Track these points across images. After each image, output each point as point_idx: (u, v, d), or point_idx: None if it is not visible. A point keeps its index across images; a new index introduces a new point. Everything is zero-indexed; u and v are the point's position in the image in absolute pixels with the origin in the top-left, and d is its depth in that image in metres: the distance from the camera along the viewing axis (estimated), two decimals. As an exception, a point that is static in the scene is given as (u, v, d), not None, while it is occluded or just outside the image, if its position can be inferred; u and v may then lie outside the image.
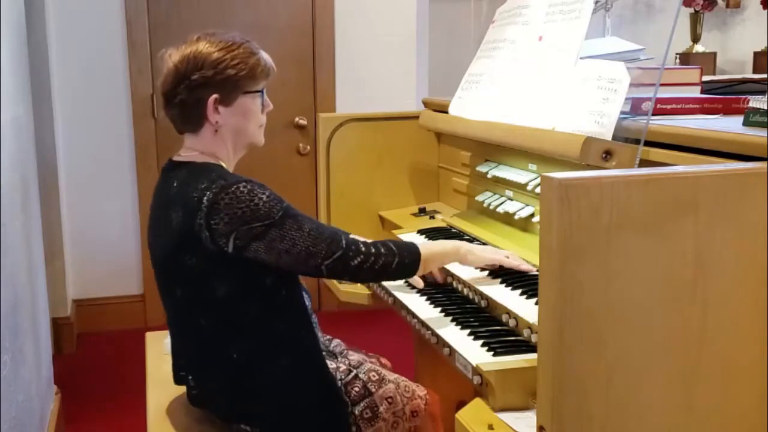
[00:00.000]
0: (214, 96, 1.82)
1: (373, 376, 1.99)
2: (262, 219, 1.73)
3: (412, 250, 1.88)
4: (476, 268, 2.02)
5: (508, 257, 2.00)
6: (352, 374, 1.98)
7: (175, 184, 1.84)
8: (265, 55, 1.90)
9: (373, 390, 1.96)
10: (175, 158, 1.91)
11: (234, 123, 1.87)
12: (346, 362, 2.02)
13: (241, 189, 1.74)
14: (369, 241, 1.85)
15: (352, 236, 1.85)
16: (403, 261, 1.85)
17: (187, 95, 1.83)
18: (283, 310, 1.87)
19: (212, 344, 1.86)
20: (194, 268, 1.79)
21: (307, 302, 1.96)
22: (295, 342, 1.89)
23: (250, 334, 1.85)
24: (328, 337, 2.15)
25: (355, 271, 1.80)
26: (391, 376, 2.03)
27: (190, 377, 1.94)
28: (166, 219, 1.82)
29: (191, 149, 1.90)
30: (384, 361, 2.24)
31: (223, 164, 1.89)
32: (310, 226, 1.78)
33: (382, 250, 1.82)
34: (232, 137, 1.89)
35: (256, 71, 1.86)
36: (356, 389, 1.95)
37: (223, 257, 1.76)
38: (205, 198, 1.74)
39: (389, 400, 1.97)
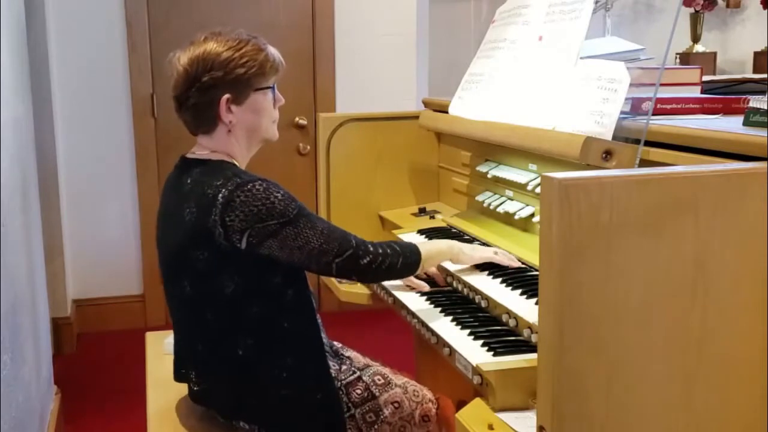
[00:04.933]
0: (226, 96, 1.84)
1: (378, 380, 1.98)
2: (277, 217, 1.76)
3: (414, 250, 1.94)
4: (468, 266, 2.08)
5: (496, 253, 2.06)
6: (355, 375, 1.97)
7: (188, 181, 1.85)
8: (273, 50, 1.91)
9: (377, 394, 1.96)
10: (189, 155, 1.93)
11: (247, 121, 1.89)
12: (349, 362, 2.01)
13: (257, 187, 1.77)
14: (374, 242, 1.88)
15: (358, 237, 1.88)
16: (407, 261, 1.91)
17: (198, 98, 1.84)
18: (290, 310, 1.88)
19: (218, 340, 1.87)
20: (205, 263, 1.80)
21: (314, 303, 1.96)
22: (300, 342, 1.89)
23: (257, 331, 1.85)
24: (340, 344, 2.14)
25: (364, 271, 1.85)
26: (399, 380, 2.02)
27: (192, 373, 1.94)
28: (178, 214, 1.84)
29: (205, 148, 1.91)
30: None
31: (237, 162, 1.91)
32: (323, 225, 1.82)
33: (388, 251, 1.87)
34: (246, 135, 1.91)
35: (266, 68, 1.87)
36: (358, 391, 1.94)
37: (234, 254, 1.78)
38: (220, 195, 1.76)
39: (395, 404, 1.97)
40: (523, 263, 2.06)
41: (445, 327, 1.89)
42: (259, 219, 1.75)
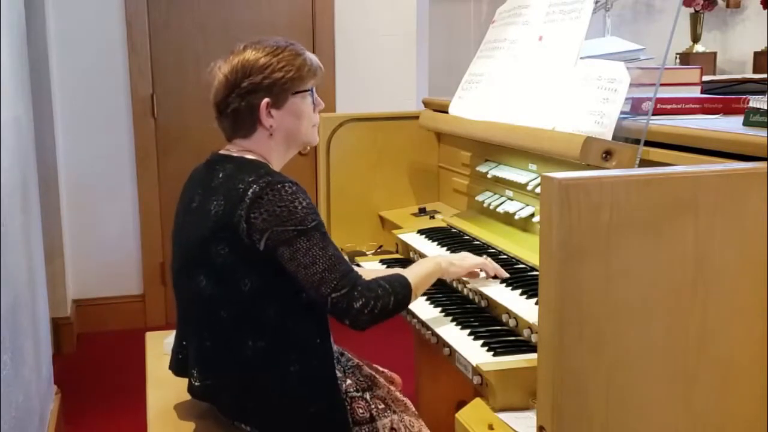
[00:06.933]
0: (266, 100, 1.86)
1: (379, 404, 1.98)
2: (295, 223, 1.76)
3: (404, 283, 1.87)
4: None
5: (485, 258, 2.04)
6: (359, 394, 1.97)
7: (220, 176, 1.86)
8: (311, 55, 1.94)
9: (377, 417, 1.96)
10: (223, 152, 1.94)
11: (287, 125, 1.90)
12: (354, 378, 2.00)
13: (286, 188, 1.78)
14: (366, 281, 1.83)
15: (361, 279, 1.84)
16: (398, 298, 1.83)
17: (238, 103, 1.87)
18: (303, 315, 1.87)
19: (229, 339, 1.86)
20: (225, 258, 1.81)
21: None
22: (309, 348, 1.88)
23: (268, 333, 1.85)
24: (340, 350, 2.13)
25: (356, 315, 1.78)
26: (396, 407, 2.01)
27: (194, 369, 1.94)
28: (203, 207, 1.84)
29: (240, 147, 1.92)
30: (395, 377, 2.20)
31: (272, 165, 1.91)
32: (333, 252, 1.80)
33: (379, 291, 1.80)
34: (285, 139, 1.92)
35: (303, 71, 1.90)
36: (361, 410, 1.95)
37: (253, 253, 1.78)
38: (250, 191, 1.77)
39: (393, 430, 1.97)
40: (523, 263, 2.06)
41: (445, 327, 1.89)
42: (280, 222, 1.75)
